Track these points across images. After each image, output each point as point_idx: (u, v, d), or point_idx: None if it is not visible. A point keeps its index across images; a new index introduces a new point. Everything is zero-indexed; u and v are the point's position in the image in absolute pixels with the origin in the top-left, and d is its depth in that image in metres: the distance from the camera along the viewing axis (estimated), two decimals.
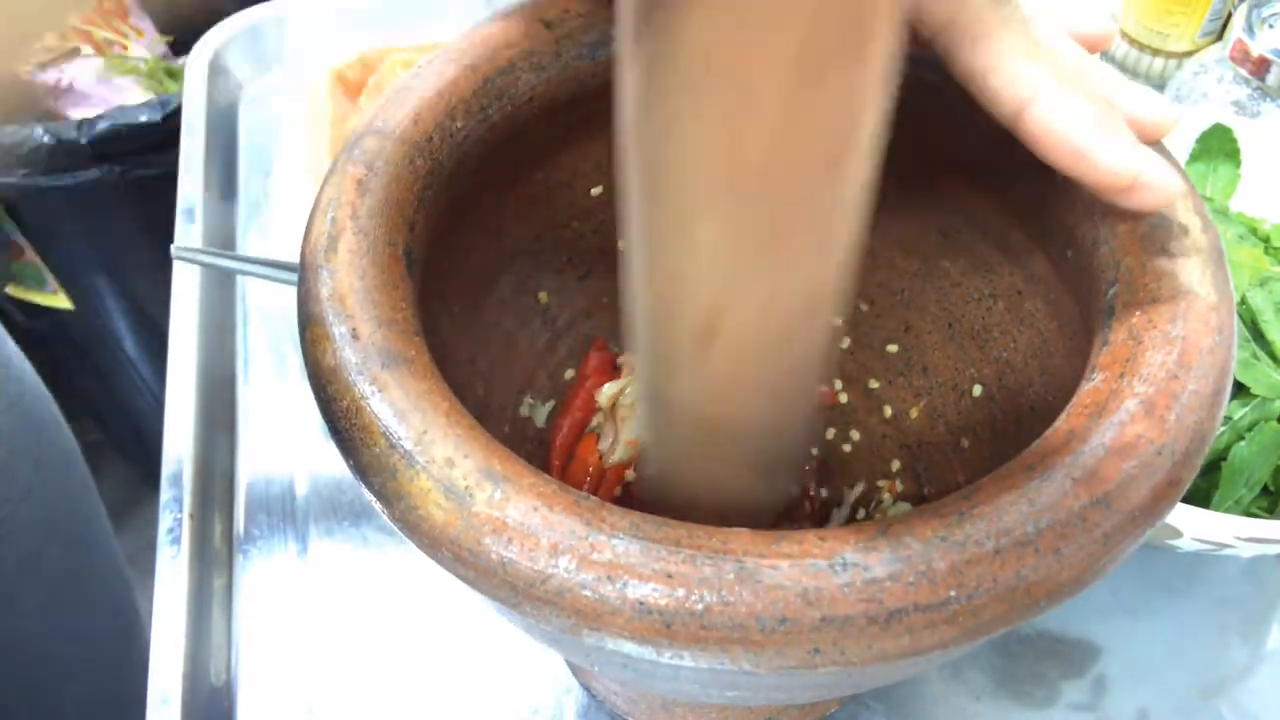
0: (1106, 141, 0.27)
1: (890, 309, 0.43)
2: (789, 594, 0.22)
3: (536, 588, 0.23)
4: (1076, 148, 0.27)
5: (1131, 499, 0.24)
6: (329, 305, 0.27)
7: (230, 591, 0.50)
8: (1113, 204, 0.28)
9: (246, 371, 0.58)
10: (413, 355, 0.27)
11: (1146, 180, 0.27)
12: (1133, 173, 0.27)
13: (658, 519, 0.24)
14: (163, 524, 0.50)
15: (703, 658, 0.22)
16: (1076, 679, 0.46)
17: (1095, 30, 0.31)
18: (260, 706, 0.46)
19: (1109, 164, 0.27)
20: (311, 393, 0.27)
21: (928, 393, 0.42)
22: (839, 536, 0.23)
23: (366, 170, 0.30)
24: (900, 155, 0.38)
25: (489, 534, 0.23)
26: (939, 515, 0.23)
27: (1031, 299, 0.37)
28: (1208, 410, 0.26)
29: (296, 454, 0.54)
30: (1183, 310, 0.27)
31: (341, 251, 0.29)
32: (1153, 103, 0.29)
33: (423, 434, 0.25)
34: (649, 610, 0.22)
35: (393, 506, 0.25)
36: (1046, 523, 0.23)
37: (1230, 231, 0.47)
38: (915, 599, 0.22)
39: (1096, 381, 0.27)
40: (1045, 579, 0.23)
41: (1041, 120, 0.27)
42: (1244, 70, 0.54)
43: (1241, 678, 0.46)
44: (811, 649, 0.22)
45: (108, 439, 1.26)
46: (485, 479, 0.24)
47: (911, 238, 0.40)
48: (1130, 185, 0.27)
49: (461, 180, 0.33)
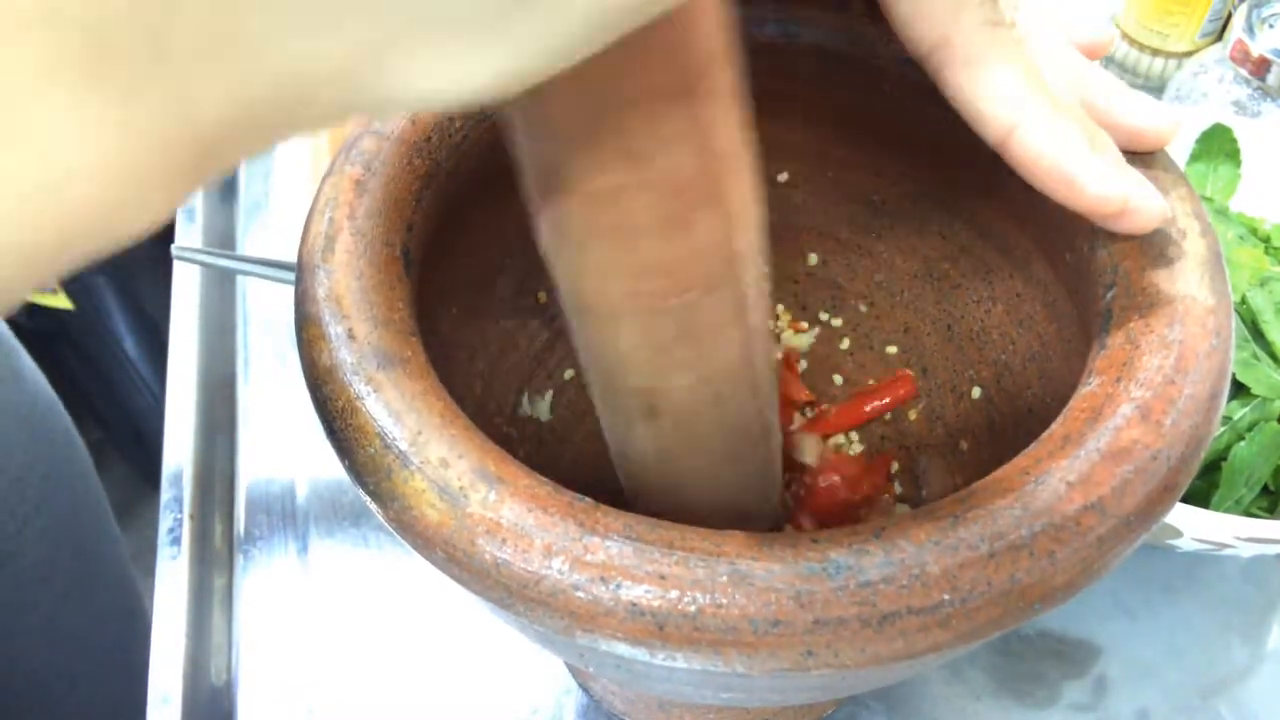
0: (1094, 168, 0.27)
1: (890, 311, 0.43)
2: (782, 596, 0.22)
3: (530, 589, 0.23)
4: (1064, 175, 0.27)
5: (1126, 504, 0.24)
6: (325, 305, 0.27)
7: (230, 591, 0.50)
8: (1106, 227, 0.28)
9: (246, 372, 0.58)
10: (409, 355, 0.27)
11: (1135, 205, 0.27)
12: (1122, 199, 0.27)
13: (651, 520, 0.24)
14: (163, 524, 0.50)
15: (696, 659, 0.22)
16: (1077, 679, 0.46)
17: (1094, 37, 0.31)
18: (260, 706, 0.46)
19: (1097, 191, 0.27)
20: (308, 392, 0.27)
21: (926, 394, 0.42)
22: (832, 539, 0.23)
23: (364, 171, 0.31)
24: (901, 158, 0.39)
25: (483, 535, 0.23)
26: (933, 518, 0.23)
27: (1030, 302, 0.37)
28: (1204, 415, 0.26)
29: (297, 454, 0.54)
30: (1180, 314, 0.27)
31: (339, 252, 0.29)
32: (1154, 112, 0.29)
33: (417, 434, 0.25)
34: (642, 612, 0.22)
35: (387, 507, 0.25)
36: (1041, 526, 0.23)
37: (1230, 231, 0.47)
38: (909, 602, 0.22)
39: (1093, 385, 0.26)
40: (1039, 582, 0.23)
41: (1029, 147, 0.27)
42: (1244, 70, 0.54)
43: (1241, 678, 0.46)
44: (804, 651, 0.22)
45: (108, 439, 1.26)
46: (480, 480, 0.24)
47: (912, 240, 0.40)
48: (1119, 211, 0.27)
49: (460, 180, 0.33)
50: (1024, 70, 0.27)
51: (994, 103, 0.27)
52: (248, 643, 0.48)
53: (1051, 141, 0.27)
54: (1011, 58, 0.27)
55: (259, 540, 0.51)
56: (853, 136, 0.39)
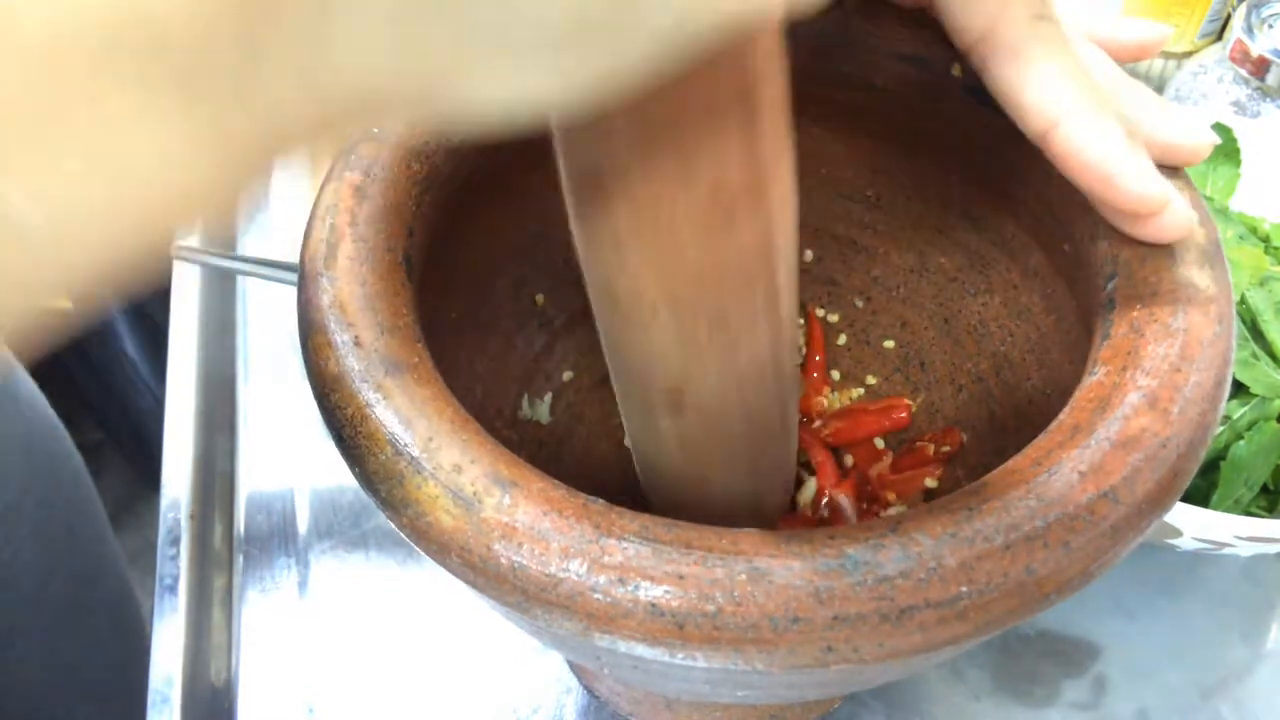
0: (1136, 166, 0.27)
1: (887, 305, 0.43)
2: (801, 593, 0.22)
3: (548, 592, 0.23)
4: (1105, 171, 0.27)
5: (1137, 491, 0.24)
6: (330, 313, 0.27)
7: (230, 591, 0.50)
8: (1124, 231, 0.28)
9: (246, 372, 0.58)
10: (416, 361, 0.27)
11: (1174, 209, 0.27)
12: (1163, 199, 0.27)
13: (667, 521, 0.24)
14: (163, 524, 0.50)
15: (716, 658, 0.22)
16: (1076, 678, 0.46)
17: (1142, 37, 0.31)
18: (260, 706, 0.46)
19: (1138, 189, 0.27)
20: (315, 401, 0.27)
21: (925, 388, 0.42)
22: (849, 535, 0.23)
23: (364, 176, 0.30)
24: (896, 152, 0.39)
25: (499, 539, 0.23)
26: (948, 511, 0.23)
27: (1028, 293, 0.37)
28: (1210, 402, 0.26)
29: (297, 454, 0.54)
30: (1183, 302, 0.27)
31: (341, 259, 0.29)
32: (1190, 127, 0.29)
33: (429, 440, 0.25)
34: (661, 612, 0.22)
35: (400, 514, 0.25)
36: (1054, 517, 0.23)
37: (1230, 231, 0.47)
38: (927, 596, 0.22)
39: (1099, 375, 0.27)
40: (1054, 572, 0.23)
41: (1071, 141, 0.27)
42: (1244, 70, 0.54)
43: (1241, 678, 0.46)
44: (824, 647, 0.22)
45: (108, 439, 1.25)
46: (493, 484, 0.24)
47: (907, 234, 0.41)
48: (1157, 211, 0.27)
49: (458, 184, 0.33)
50: (1069, 64, 0.27)
51: (1038, 95, 0.27)
52: (247, 642, 0.48)
53: (1094, 137, 0.27)
54: (1057, 52, 0.27)
55: (259, 540, 0.51)
56: (847, 132, 0.39)
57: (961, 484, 0.39)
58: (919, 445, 0.41)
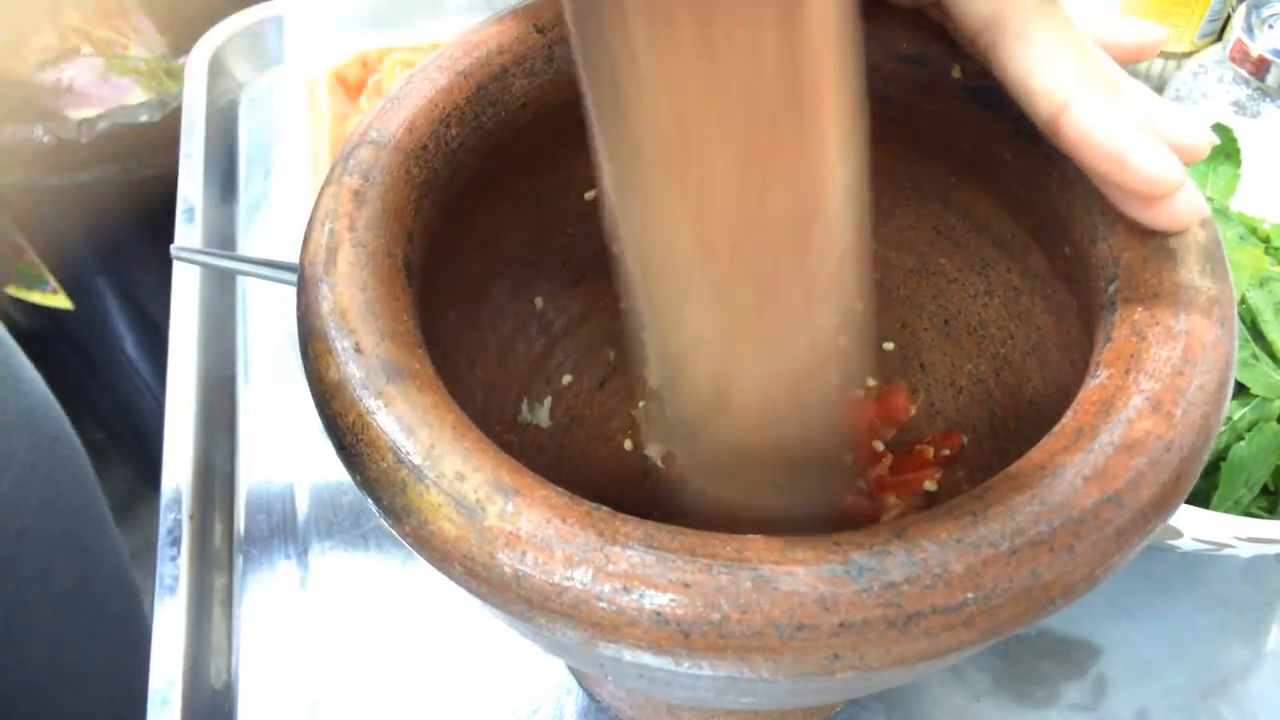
0: (1148, 148, 0.26)
1: (886, 307, 0.43)
2: (806, 600, 0.22)
3: (552, 601, 0.23)
4: (1116, 153, 0.26)
5: (1142, 495, 0.24)
6: (330, 319, 0.27)
7: (230, 591, 0.49)
8: (1135, 219, 0.28)
9: (246, 372, 0.58)
10: (417, 368, 0.27)
11: (1187, 192, 0.26)
12: (1177, 181, 0.26)
13: (671, 528, 0.23)
14: (163, 524, 0.50)
15: (722, 666, 0.22)
16: (1076, 679, 0.46)
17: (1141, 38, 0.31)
18: (260, 707, 0.46)
19: (1151, 170, 0.26)
20: (315, 408, 0.27)
21: (925, 390, 0.42)
22: (853, 541, 0.23)
23: (363, 181, 0.30)
24: (894, 153, 0.39)
25: (502, 547, 0.23)
26: (953, 517, 0.23)
27: (1028, 295, 0.37)
28: (1213, 404, 0.26)
29: (297, 454, 0.54)
30: (1185, 305, 0.27)
31: (340, 264, 0.28)
32: (1191, 126, 0.29)
33: (431, 448, 0.25)
34: (666, 620, 0.22)
35: (402, 522, 0.24)
36: (1060, 521, 0.23)
37: (1230, 231, 0.47)
38: (933, 602, 0.22)
39: (1102, 378, 0.27)
40: (1060, 577, 0.23)
41: (1080, 123, 0.26)
42: (1244, 70, 0.54)
43: (1241, 678, 0.46)
44: (831, 655, 0.22)
45: (108, 439, 1.25)
46: (496, 492, 0.24)
47: (906, 235, 0.41)
48: (1169, 194, 0.26)
49: (457, 188, 0.33)
50: (1077, 46, 0.27)
51: (1046, 79, 0.26)
52: (248, 643, 0.48)
53: (1104, 119, 0.26)
54: (1063, 35, 0.27)
55: (259, 540, 0.51)
56: None
57: (962, 486, 0.39)
58: (919, 448, 0.40)
